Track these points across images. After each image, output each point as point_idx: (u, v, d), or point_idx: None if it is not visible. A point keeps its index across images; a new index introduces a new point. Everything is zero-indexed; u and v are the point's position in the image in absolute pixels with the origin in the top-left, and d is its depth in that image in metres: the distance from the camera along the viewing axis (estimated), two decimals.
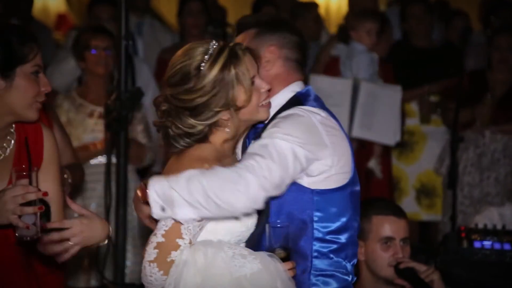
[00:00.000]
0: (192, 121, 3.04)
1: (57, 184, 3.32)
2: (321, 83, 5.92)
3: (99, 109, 5.36)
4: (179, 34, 6.87)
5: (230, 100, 3.02)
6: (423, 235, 6.89)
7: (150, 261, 2.97)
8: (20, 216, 2.98)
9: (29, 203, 2.98)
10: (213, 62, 3.00)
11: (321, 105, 3.26)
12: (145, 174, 5.71)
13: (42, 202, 3.03)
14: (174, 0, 7.41)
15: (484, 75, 6.41)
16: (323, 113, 3.18)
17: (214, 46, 3.03)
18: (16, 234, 3.01)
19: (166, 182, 2.93)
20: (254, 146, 3.06)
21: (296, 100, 3.25)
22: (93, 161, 5.45)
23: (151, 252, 2.97)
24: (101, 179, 5.05)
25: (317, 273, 3.20)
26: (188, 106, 3.02)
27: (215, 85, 3.00)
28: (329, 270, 3.21)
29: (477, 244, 4.14)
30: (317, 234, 3.19)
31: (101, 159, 5.40)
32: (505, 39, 6.30)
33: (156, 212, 2.94)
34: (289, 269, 3.06)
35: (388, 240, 3.96)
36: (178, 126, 3.05)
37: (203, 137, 3.08)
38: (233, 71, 3.01)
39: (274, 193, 3.01)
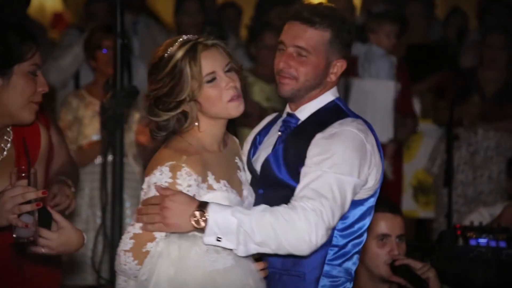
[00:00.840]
0: (157, 111, 3.09)
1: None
2: None
3: None
4: (176, 33, 6.86)
5: (188, 92, 3.06)
6: (419, 233, 6.90)
7: (126, 251, 3.02)
8: (19, 216, 2.98)
9: (28, 203, 2.98)
10: (172, 54, 3.06)
11: (357, 116, 3.29)
12: None
13: (44, 210, 3.04)
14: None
15: (475, 73, 6.43)
16: (369, 131, 3.21)
17: (180, 40, 3.10)
18: (14, 236, 3.00)
19: (232, 218, 2.98)
20: (318, 182, 3.08)
21: (338, 109, 3.29)
22: None
23: (127, 242, 3.03)
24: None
25: (327, 279, 3.24)
26: (155, 95, 3.09)
27: (172, 76, 3.05)
28: (338, 276, 3.26)
29: (472, 242, 4.15)
30: (335, 241, 3.23)
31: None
32: (497, 38, 6.32)
33: (209, 240, 2.99)
34: (261, 270, 3.09)
35: (384, 237, 3.97)
36: (149, 118, 3.12)
37: (174, 129, 3.11)
38: (187, 65, 3.04)
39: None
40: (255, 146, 3.40)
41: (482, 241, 4.10)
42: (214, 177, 3.09)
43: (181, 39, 3.10)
